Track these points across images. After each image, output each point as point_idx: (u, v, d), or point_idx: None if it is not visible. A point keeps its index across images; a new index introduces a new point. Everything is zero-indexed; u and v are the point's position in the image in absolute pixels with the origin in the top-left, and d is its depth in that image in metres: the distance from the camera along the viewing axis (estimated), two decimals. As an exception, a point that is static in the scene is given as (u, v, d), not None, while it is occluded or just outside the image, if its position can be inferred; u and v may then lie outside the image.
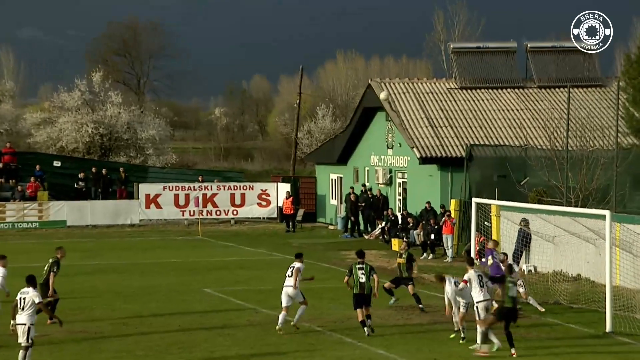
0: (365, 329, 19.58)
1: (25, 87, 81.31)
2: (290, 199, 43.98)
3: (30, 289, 16.33)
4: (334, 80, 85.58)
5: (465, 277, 18.68)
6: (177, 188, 45.46)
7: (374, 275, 19.63)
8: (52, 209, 43.90)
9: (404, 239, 36.05)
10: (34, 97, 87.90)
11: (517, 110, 39.90)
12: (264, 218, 46.35)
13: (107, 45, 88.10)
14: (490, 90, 41.07)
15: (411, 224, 36.27)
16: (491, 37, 70.55)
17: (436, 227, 33.73)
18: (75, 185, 45.45)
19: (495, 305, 19.10)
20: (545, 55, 42.77)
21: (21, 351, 16.11)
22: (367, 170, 42.92)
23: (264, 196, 46.38)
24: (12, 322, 16.68)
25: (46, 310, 16.67)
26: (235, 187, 46.35)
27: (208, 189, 45.72)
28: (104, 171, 45.96)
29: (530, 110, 39.87)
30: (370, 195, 40.55)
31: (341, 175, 45.52)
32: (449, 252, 32.35)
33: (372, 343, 18.85)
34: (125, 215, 44.78)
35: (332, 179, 46.63)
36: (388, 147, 40.96)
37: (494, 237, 30.36)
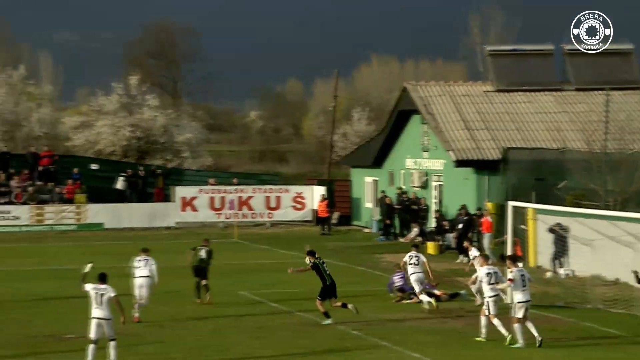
0: (330, 320, 20.92)
1: (64, 90, 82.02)
2: (325, 202, 43.96)
3: (107, 286, 17.38)
4: (369, 83, 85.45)
5: (510, 276, 18.85)
6: (213, 191, 45.64)
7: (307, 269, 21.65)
8: (89, 211, 44.28)
9: (440, 242, 35.96)
10: (71, 101, 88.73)
11: (554, 112, 39.53)
12: (299, 221, 46.39)
13: (143, 49, 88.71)
14: (526, 93, 40.71)
15: (447, 227, 36.10)
16: (528, 39, 70.10)
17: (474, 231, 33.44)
18: (119, 186, 45.63)
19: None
20: (583, 57, 42.30)
21: (112, 342, 16.99)
22: (403, 173, 42.77)
23: (299, 199, 46.41)
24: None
25: (119, 305, 17.37)
26: (271, 190, 46.44)
27: (243, 192, 45.86)
28: (141, 173, 46.30)
29: (568, 113, 39.47)
30: (406, 198, 40.41)
31: (376, 179, 45.41)
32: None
33: (407, 346, 18.75)
34: (161, 218, 45.04)
35: (367, 182, 46.54)
36: (423, 150, 40.79)
37: (530, 240, 30.19)
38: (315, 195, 45.87)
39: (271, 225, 45.90)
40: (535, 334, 18.68)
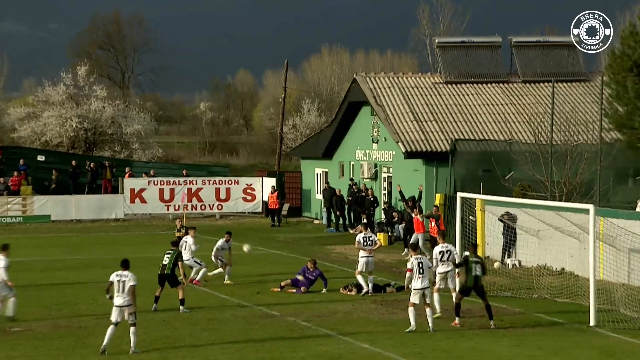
0: (155, 305, 21.76)
1: (8, 81, 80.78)
2: (276, 193, 43.96)
3: (129, 273, 17.70)
4: (319, 74, 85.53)
5: (408, 265, 19.76)
6: (162, 182, 45.36)
7: (179, 262, 22.30)
8: (36, 203, 43.72)
9: (389, 234, 36.17)
10: (17, 92, 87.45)
11: (502, 104, 39.98)
12: (249, 213, 46.33)
13: (91, 39, 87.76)
14: (475, 85, 41.12)
15: (396, 219, 36.32)
16: (476, 31, 70.70)
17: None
18: (50, 183, 45.35)
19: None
20: (530, 49, 42.85)
21: (132, 328, 17.70)
22: (353, 164, 42.93)
23: (249, 190, 46.34)
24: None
25: (133, 296, 18.02)
26: (221, 182, 46.29)
27: (193, 184, 45.65)
28: (92, 165, 45.96)
29: (515, 105, 39.95)
30: (356, 190, 40.56)
31: (326, 170, 45.51)
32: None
33: (357, 337, 18.87)
34: (109, 210, 44.65)
35: (317, 174, 46.62)
36: (373, 142, 40.98)
37: (479, 231, 30.51)
38: (265, 187, 45.84)
39: (221, 216, 45.76)
40: (430, 324, 19.56)
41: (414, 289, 19.52)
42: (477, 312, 21.19)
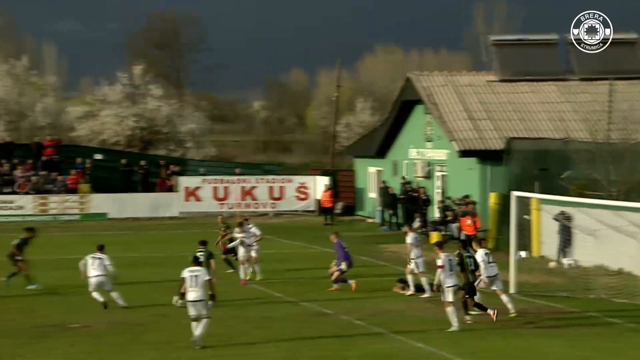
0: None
1: (67, 80, 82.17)
2: (329, 192, 44.02)
3: (201, 268, 18.61)
4: (372, 73, 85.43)
5: (439, 262, 19.68)
6: (217, 181, 45.72)
7: (211, 260, 22.52)
8: (93, 201, 44.37)
9: (443, 233, 35.98)
10: (75, 91, 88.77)
11: (558, 102, 39.47)
12: (302, 211, 46.46)
13: (147, 39, 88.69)
14: (530, 83, 40.65)
15: (450, 218, 36.11)
16: (532, 29, 70.05)
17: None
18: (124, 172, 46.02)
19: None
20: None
21: (205, 320, 18.00)
22: (406, 163, 42.78)
23: (302, 189, 46.46)
24: None
25: (212, 287, 18.69)
26: (274, 180, 46.51)
27: (247, 182, 45.93)
28: (142, 163, 46.46)
29: (572, 103, 39.39)
30: (409, 189, 40.42)
31: (380, 169, 45.43)
32: None
33: (411, 336, 18.81)
34: (165, 208, 45.13)
35: (370, 172, 46.56)
36: (427, 141, 40.79)
37: (534, 230, 30.20)
38: (318, 186, 45.92)
39: (274, 215, 45.96)
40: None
41: (447, 287, 19.44)
42: (532, 312, 21.00)
